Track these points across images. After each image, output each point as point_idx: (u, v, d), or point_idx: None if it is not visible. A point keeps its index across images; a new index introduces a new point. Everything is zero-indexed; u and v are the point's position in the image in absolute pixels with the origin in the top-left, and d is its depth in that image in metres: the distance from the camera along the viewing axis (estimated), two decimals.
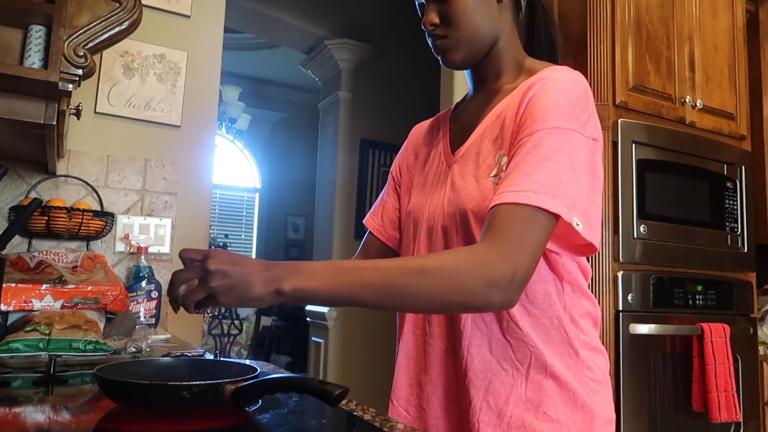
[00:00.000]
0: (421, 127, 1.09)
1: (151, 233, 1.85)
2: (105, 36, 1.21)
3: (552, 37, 0.96)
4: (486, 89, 0.93)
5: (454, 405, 0.86)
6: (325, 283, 0.68)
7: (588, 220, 0.75)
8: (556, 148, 0.75)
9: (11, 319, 1.25)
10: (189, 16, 1.99)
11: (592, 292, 0.90)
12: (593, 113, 0.81)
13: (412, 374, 0.92)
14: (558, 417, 0.81)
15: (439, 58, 0.91)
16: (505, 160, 0.81)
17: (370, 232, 1.08)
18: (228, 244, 5.79)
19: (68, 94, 1.16)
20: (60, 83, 1.11)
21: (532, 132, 0.77)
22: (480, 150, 0.87)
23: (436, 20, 0.89)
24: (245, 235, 6.42)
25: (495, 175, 0.82)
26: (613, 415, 0.87)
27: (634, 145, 1.87)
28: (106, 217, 1.69)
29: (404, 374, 0.94)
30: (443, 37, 0.89)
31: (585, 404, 0.83)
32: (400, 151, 1.10)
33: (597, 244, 0.77)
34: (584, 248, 0.79)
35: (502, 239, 0.70)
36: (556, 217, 0.72)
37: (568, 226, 0.73)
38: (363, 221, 1.11)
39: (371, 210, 1.10)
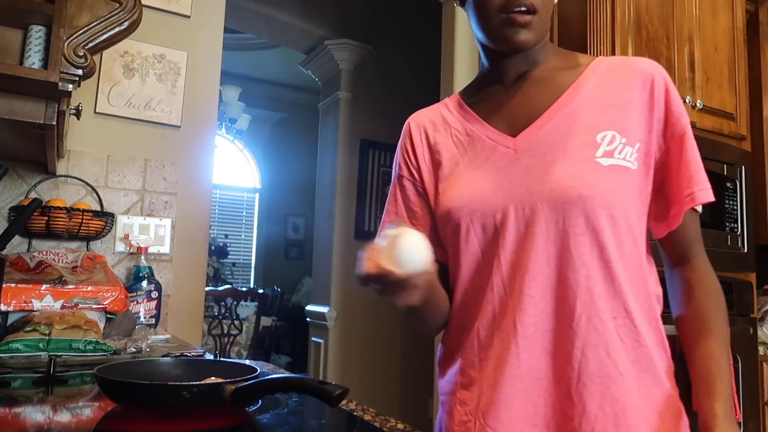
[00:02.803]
0: (426, 117, 0.95)
1: (151, 233, 1.85)
2: (105, 36, 1.21)
3: None
4: (526, 76, 0.86)
5: (555, 412, 0.75)
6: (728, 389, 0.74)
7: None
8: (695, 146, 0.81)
9: (11, 319, 1.25)
10: (189, 16, 1.99)
11: None
12: None
13: (496, 387, 0.78)
14: (668, 427, 0.76)
15: (510, 34, 0.79)
16: (637, 146, 0.78)
17: None
18: (228, 245, 5.79)
19: (68, 94, 1.16)
20: (60, 83, 1.11)
21: (683, 127, 0.80)
22: (571, 132, 0.79)
23: None
24: (245, 235, 6.42)
25: (603, 156, 0.76)
26: None
27: None
28: (106, 217, 1.69)
29: (486, 387, 0.79)
30: (533, 12, 0.79)
31: (681, 410, 0.78)
32: (404, 150, 0.95)
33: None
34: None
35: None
36: None
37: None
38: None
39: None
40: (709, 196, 0.80)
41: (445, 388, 0.86)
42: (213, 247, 5.21)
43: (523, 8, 0.78)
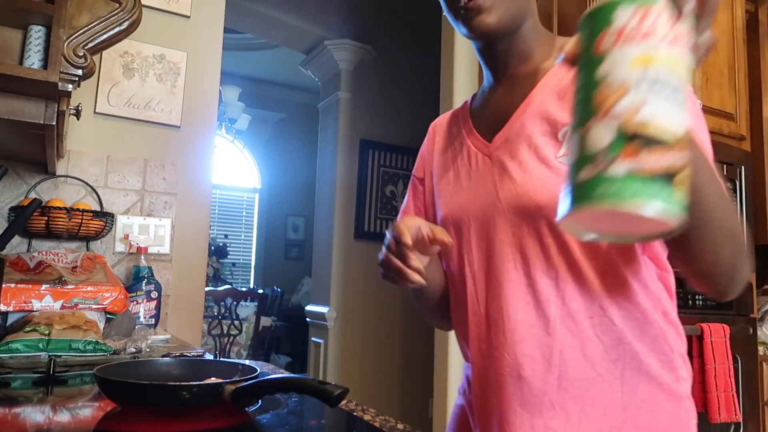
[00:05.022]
0: (441, 122, 0.98)
1: (151, 233, 1.85)
2: (105, 36, 1.21)
3: None
4: (513, 74, 0.83)
5: (539, 421, 0.73)
6: (709, 171, 0.63)
7: None
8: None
9: (11, 319, 1.25)
10: (189, 17, 1.99)
11: None
12: None
13: (483, 395, 0.80)
14: (657, 425, 0.73)
15: (468, 18, 0.78)
16: None
17: None
18: (227, 245, 5.79)
19: (68, 94, 1.16)
20: (60, 83, 1.11)
21: None
22: (533, 132, 0.76)
23: None
24: (245, 236, 6.42)
25: (564, 155, 0.73)
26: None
27: None
28: (106, 218, 1.69)
29: (475, 396, 0.82)
30: None
31: (689, 408, 0.75)
32: (421, 152, 0.99)
33: None
34: None
35: None
36: None
37: None
38: None
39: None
40: None
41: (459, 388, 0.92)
42: (213, 247, 5.21)
43: None
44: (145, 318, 1.64)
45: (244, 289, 4.70)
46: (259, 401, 0.75)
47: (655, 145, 0.39)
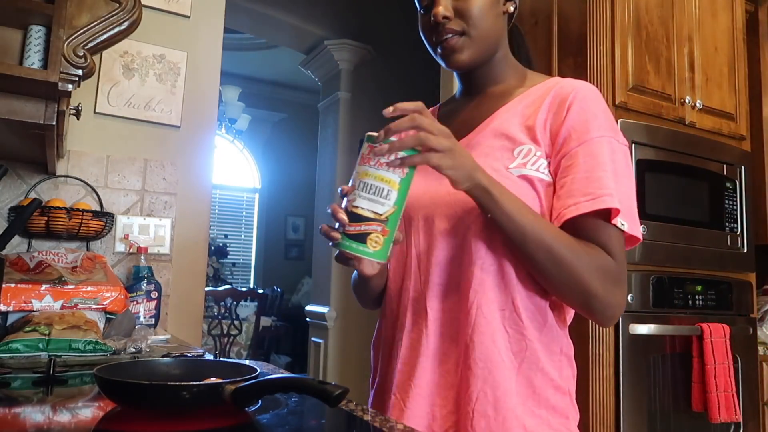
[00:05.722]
0: None
1: (151, 233, 1.85)
2: (105, 36, 1.21)
3: (529, 57, 1.02)
4: (486, 93, 0.95)
5: (451, 392, 0.85)
6: (509, 206, 0.76)
7: (632, 217, 0.82)
8: (605, 155, 0.82)
9: (11, 319, 1.25)
10: (189, 17, 1.99)
11: None
12: None
13: (410, 364, 0.89)
14: (540, 413, 0.83)
15: (444, 56, 0.90)
16: (541, 161, 0.84)
17: None
18: (227, 245, 5.79)
19: (68, 94, 1.16)
20: (60, 83, 1.11)
21: (581, 143, 0.83)
22: (492, 143, 0.87)
23: (449, 13, 0.87)
24: (245, 236, 6.42)
25: (515, 167, 0.84)
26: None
27: (633, 145, 1.87)
28: (106, 218, 1.69)
29: (403, 364, 0.91)
30: (459, 34, 0.87)
31: (568, 402, 0.87)
32: None
33: (640, 235, 0.84)
34: (628, 240, 0.85)
35: (622, 262, 0.81)
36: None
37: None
38: None
39: None
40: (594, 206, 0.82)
41: (375, 364, 1.01)
42: (213, 247, 5.22)
43: (448, 35, 0.87)
44: (145, 318, 1.64)
45: (244, 289, 4.71)
46: (259, 401, 0.75)
47: (357, 222, 0.74)
